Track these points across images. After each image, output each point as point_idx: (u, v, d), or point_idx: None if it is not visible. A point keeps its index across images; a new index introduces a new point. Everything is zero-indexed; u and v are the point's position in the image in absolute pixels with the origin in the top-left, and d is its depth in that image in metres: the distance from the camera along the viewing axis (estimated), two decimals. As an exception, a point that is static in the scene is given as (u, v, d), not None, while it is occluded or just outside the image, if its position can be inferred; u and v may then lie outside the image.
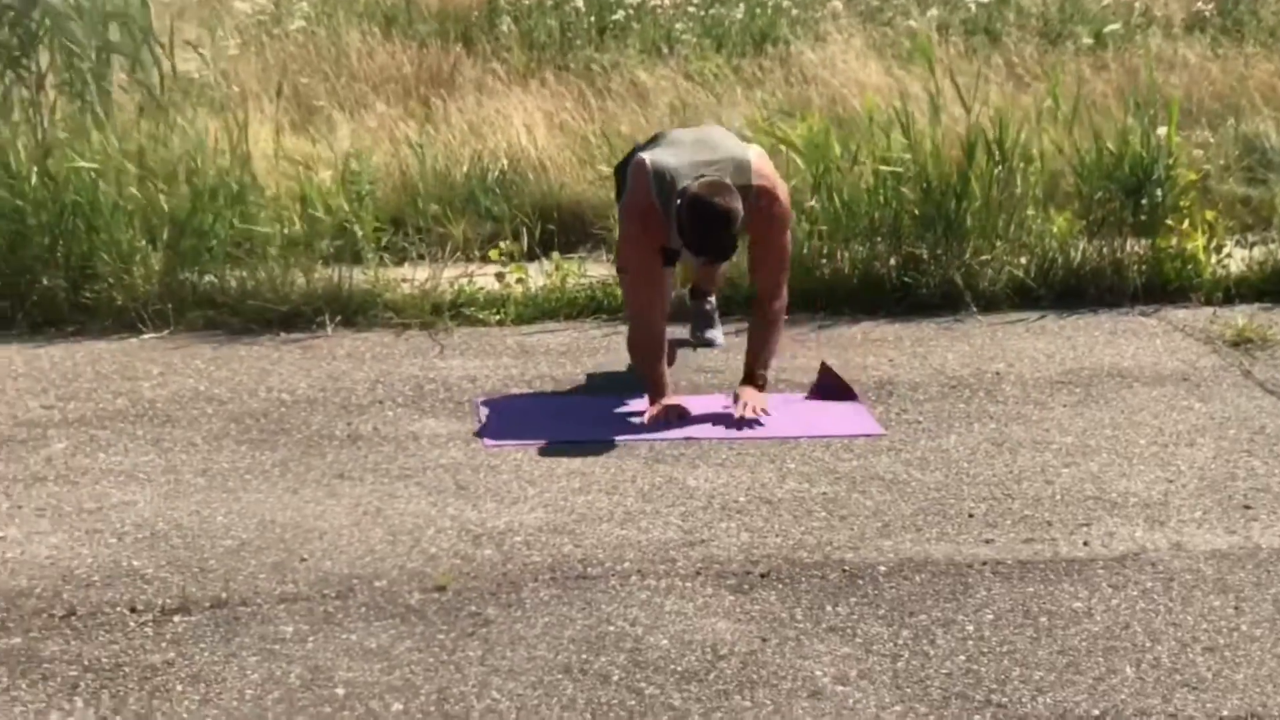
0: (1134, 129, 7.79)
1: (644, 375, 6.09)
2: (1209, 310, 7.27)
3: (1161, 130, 7.72)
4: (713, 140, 6.13)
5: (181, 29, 9.00)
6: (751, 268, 6.30)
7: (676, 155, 5.94)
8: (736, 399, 5.96)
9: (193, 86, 9.47)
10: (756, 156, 6.03)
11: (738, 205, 5.72)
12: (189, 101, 8.66)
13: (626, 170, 6.14)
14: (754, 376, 6.03)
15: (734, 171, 5.86)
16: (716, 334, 6.75)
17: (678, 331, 6.61)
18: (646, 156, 5.96)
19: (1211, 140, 8.94)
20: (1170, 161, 7.69)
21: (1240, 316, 7.03)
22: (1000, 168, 7.55)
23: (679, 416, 5.89)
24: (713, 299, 6.84)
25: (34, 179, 7.28)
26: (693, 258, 6.03)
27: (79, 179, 7.31)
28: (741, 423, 5.83)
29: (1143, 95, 8.13)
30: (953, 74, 8.28)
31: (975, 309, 7.29)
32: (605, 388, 6.34)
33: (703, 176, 5.78)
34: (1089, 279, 7.53)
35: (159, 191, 7.38)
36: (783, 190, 6.11)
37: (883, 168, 7.60)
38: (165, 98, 7.94)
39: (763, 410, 5.89)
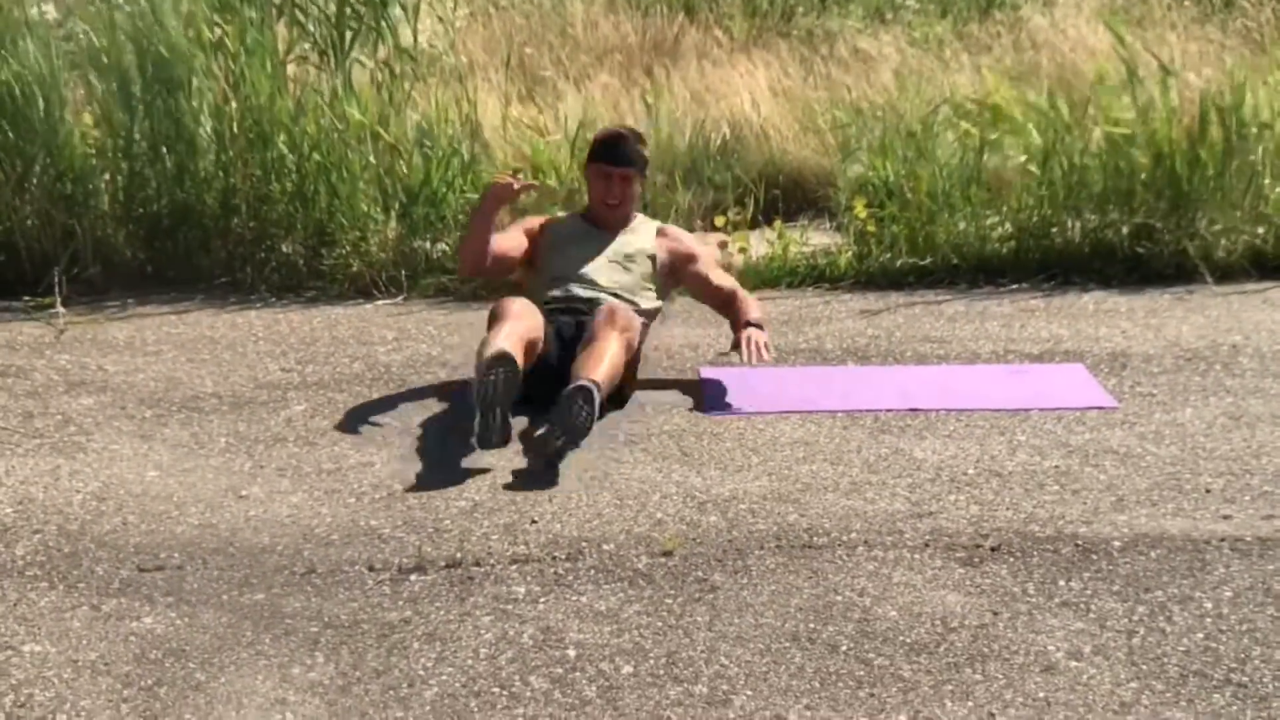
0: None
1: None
2: None
3: None
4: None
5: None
6: (705, 294, 6.22)
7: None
8: (736, 346, 5.85)
9: (423, 57, 9.62)
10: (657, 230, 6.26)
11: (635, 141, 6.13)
12: (423, 71, 8.80)
13: None
14: (746, 326, 5.90)
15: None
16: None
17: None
18: None
19: None
20: None
21: None
22: (1235, 134, 7.37)
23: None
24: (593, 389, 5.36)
25: (281, 144, 7.46)
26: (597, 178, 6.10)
27: (323, 145, 7.47)
28: (752, 351, 5.76)
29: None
30: (1206, 40, 8.07)
31: (1210, 279, 7.14)
32: (827, 357, 6.32)
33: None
34: (1332, 248, 7.35)
35: (397, 159, 7.51)
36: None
37: (1112, 129, 7.46)
38: (402, 68, 8.06)
39: (765, 346, 5.80)
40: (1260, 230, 7.37)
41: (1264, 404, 5.62)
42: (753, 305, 6.01)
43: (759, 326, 5.89)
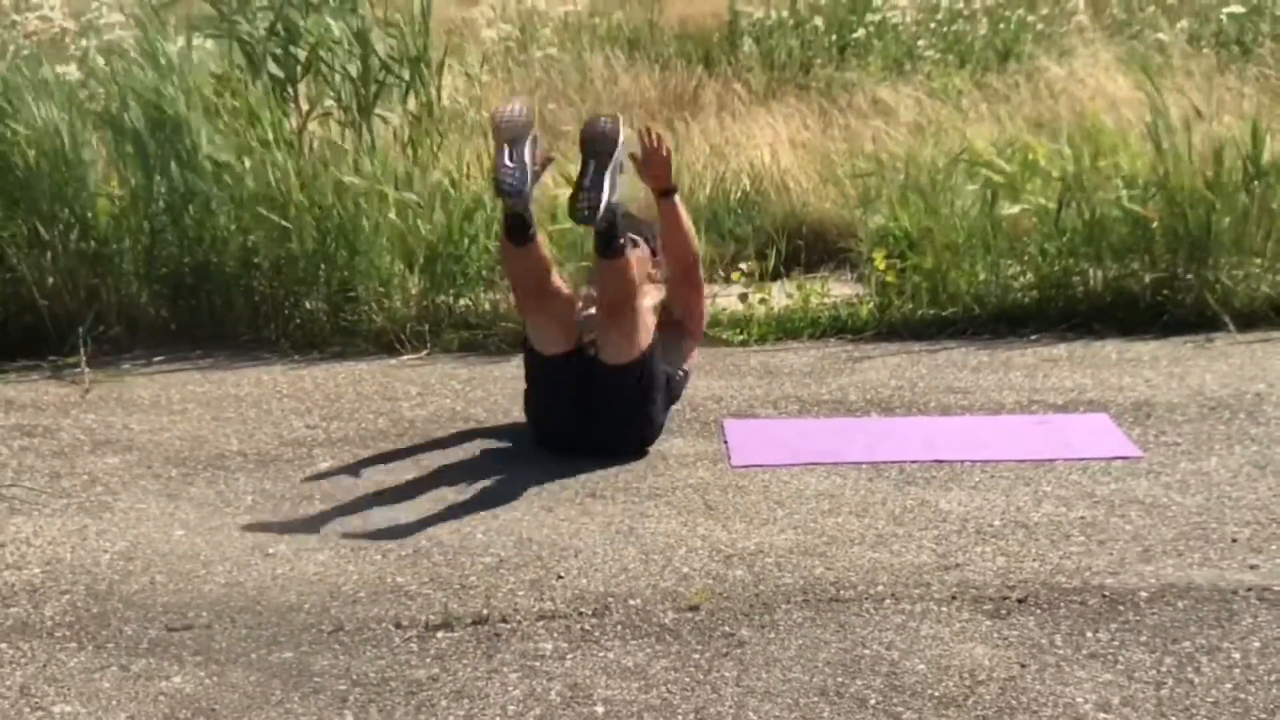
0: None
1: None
2: None
3: None
4: None
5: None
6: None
7: None
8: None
9: (445, 114, 9.68)
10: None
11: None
12: (445, 128, 8.84)
13: None
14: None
15: None
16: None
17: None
18: None
19: None
20: None
21: None
22: (1255, 181, 7.38)
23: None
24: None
25: (299, 203, 7.50)
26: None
27: (343, 204, 7.52)
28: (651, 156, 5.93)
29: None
30: (1223, 89, 8.09)
31: (1233, 327, 7.14)
32: (851, 408, 6.32)
33: None
34: (1352, 295, 7.34)
35: (418, 217, 7.54)
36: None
37: (1127, 204, 7.48)
38: (425, 125, 8.11)
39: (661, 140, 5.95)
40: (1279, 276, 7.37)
41: (1289, 452, 5.63)
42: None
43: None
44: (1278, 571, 4.61)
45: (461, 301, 7.55)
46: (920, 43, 12.99)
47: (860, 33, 13.22)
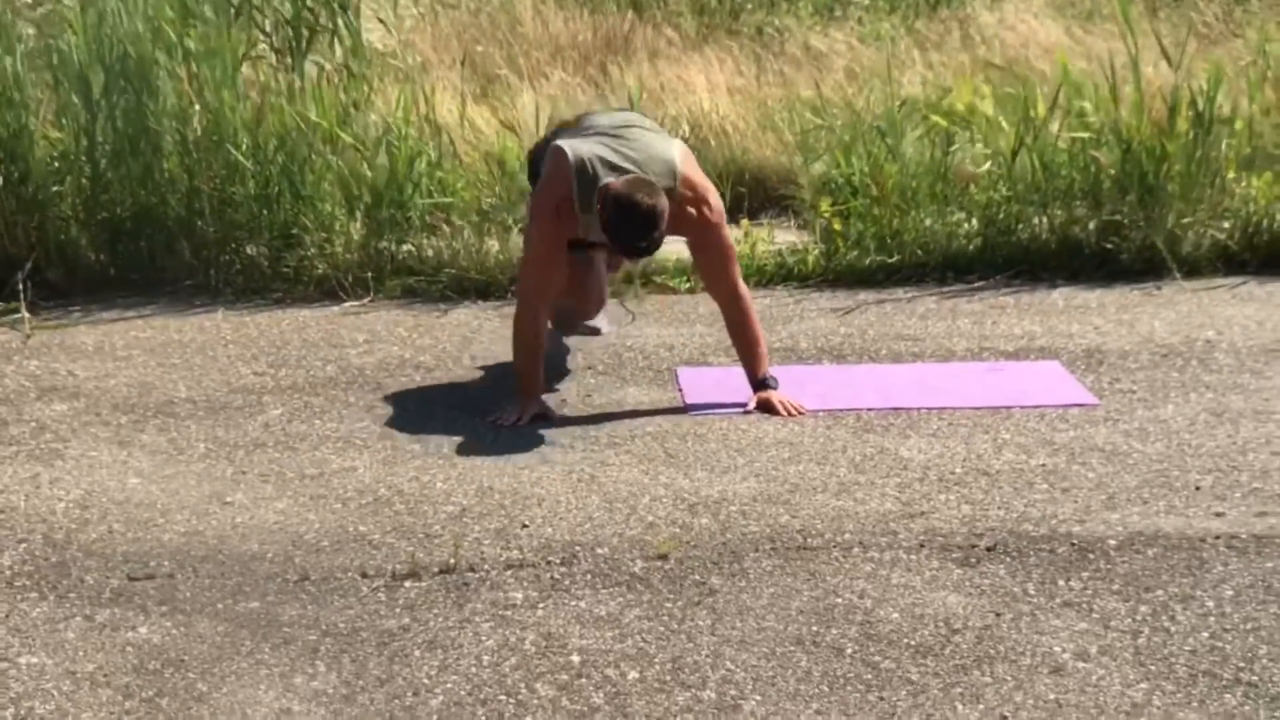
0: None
1: (520, 369, 5.77)
2: None
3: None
4: (637, 133, 5.77)
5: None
6: (702, 276, 6.06)
7: (599, 148, 5.62)
8: (765, 407, 5.72)
9: (378, 57, 9.55)
10: (681, 157, 5.71)
11: (663, 203, 5.43)
12: (377, 72, 8.74)
13: (542, 156, 5.89)
14: (765, 384, 5.77)
15: (660, 168, 5.60)
16: (603, 321, 6.50)
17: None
18: (568, 146, 5.63)
19: None
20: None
21: None
22: (1203, 129, 7.40)
23: (538, 418, 5.69)
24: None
25: (245, 146, 7.39)
26: (613, 251, 5.75)
27: (286, 147, 7.41)
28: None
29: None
30: (1158, 34, 8.09)
31: (1179, 275, 7.17)
32: (803, 355, 6.31)
33: (627, 171, 5.53)
34: (1295, 244, 7.38)
35: (362, 159, 7.45)
36: (711, 191, 5.78)
37: (1078, 135, 7.49)
38: (360, 69, 8.01)
39: (797, 405, 5.72)
40: (1226, 225, 7.40)
41: (1245, 400, 5.64)
42: (762, 347, 5.84)
43: (775, 387, 5.79)
44: (1244, 519, 4.63)
45: (404, 248, 7.46)
46: (851, -13, 12.93)
47: (793, -23, 13.15)
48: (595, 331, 6.50)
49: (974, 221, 7.58)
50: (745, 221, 7.86)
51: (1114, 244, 7.34)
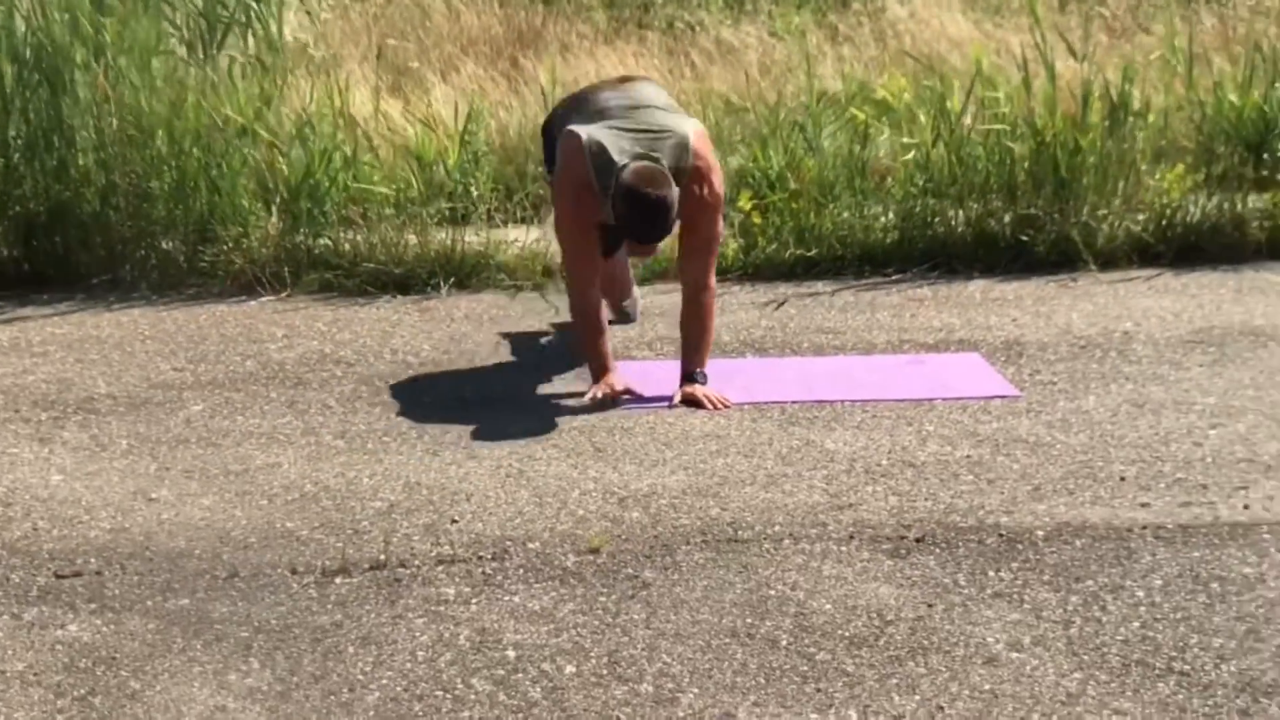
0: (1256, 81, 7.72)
1: (586, 353, 5.85)
2: (1338, 269, 7.18)
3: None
4: (650, 110, 5.80)
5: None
6: (681, 253, 6.02)
7: (612, 129, 5.66)
8: (690, 400, 5.72)
9: (290, 50, 9.49)
10: (695, 135, 5.73)
11: (674, 194, 5.49)
12: (291, 66, 8.68)
13: (553, 134, 5.93)
14: (694, 377, 5.79)
15: (673, 150, 5.62)
16: (634, 308, 6.72)
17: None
18: (581, 132, 5.66)
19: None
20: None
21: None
22: (1116, 122, 7.47)
23: (625, 393, 5.74)
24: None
25: (160, 140, 7.32)
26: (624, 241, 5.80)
27: (201, 141, 7.34)
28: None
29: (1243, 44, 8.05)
30: (1059, 30, 8.18)
31: (1094, 266, 7.24)
32: (725, 349, 6.32)
33: (640, 155, 5.55)
34: (1208, 236, 7.45)
35: (277, 153, 7.39)
36: (718, 173, 5.83)
37: (993, 128, 7.55)
38: (274, 61, 7.95)
39: (722, 402, 5.72)
40: (1140, 217, 7.48)
41: (1165, 390, 5.71)
42: (708, 341, 5.89)
43: (703, 382, 5.80)
44: (1169, 509, 4.68)
45: (321, 241, 7.41)
46: (759, -18, 12.95)
47: (704, -30, 13.16)
48: (628, 318, 6.63)
49: (891, 215, 7.63)
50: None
51: (1029, 236, 7.40)
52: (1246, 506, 4.68)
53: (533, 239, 7.43)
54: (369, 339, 6.51)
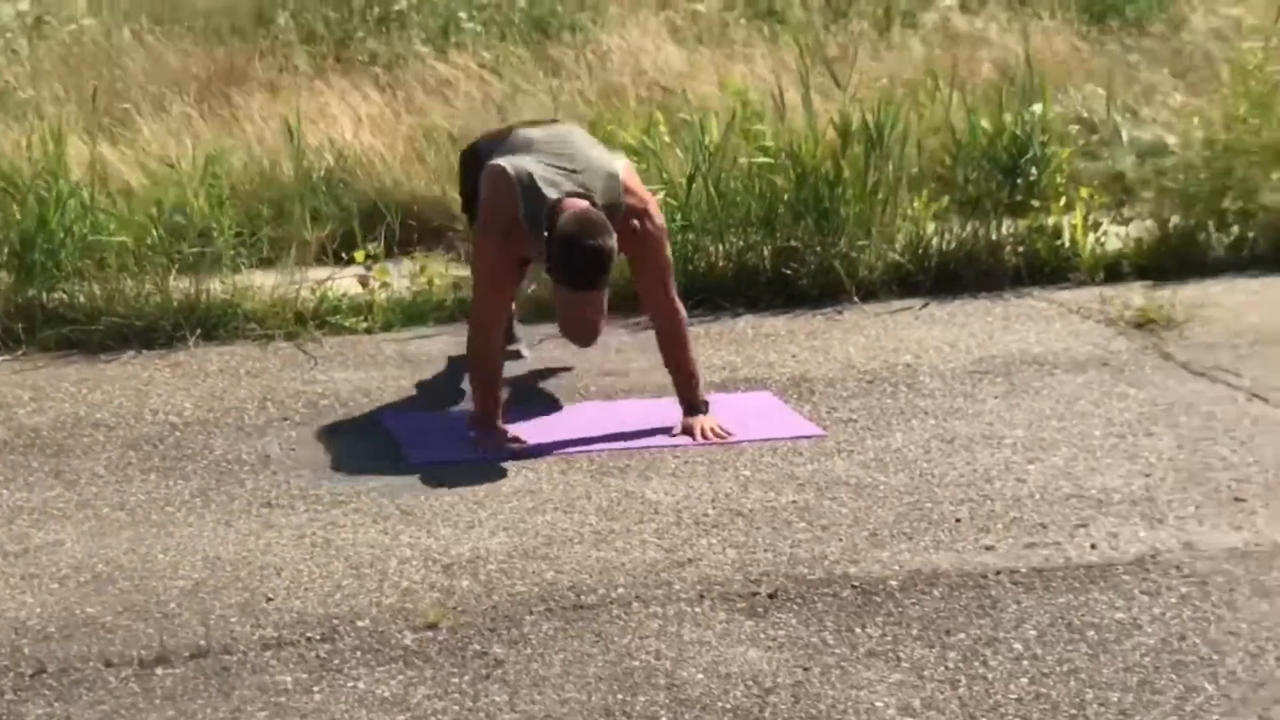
0: (1007, 106, 7.79)
1: (479, 394, 5.66)
2: (1094, 290, 7.23)
3: (1036, 108, 7.73)
4: (576, 147, 5.69)
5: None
6: (639, 291, 5.93)
7: (540, 162, 5.51)
8: (688, 432, 5.64)
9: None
10: (625, 171, 5.65)
11: (612, 242, 5.33)
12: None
13: (475, 168, 5.77)
14: (696, 406, 5.70)
15: (604, 182, 5.51)
16: (522, 345, 6.46)
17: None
18: (508, 164, 5.50)
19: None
20: (1044, 139, 7.69)
21: (1136, 296, 7.02)
22: (875, 151, 7.45)
23: (513, 440, 5.57)
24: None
25: None
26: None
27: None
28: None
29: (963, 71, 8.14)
30: (829, 63, 8.16)
31: (857, 298, 7.19)
32: (514, 399, 6.05)
33: (572, 192, 5.42)
34: (964, 262, 7.48)
35: (13, 201, 6.89)
36: (653, 204, 5.73)
37: (757, 160, 7.46)
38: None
39: (722, 430, 5.63)
40: (899, 246, 7.46)
41: (968, 425, 5.65)
42: (695, 367, 5.82)
43: (705, 410, 5.73)
44: (1015, 551, 4.60)
45: (55, 295, 6.92)
46: (461, 14, 12.70)
47: (402, 3, 12.86)
48: (517, 355, 6.32)
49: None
50: (420, 256, 7.56)
51: (792, 269, 7.31)
52: (1094, 546, 4.62)
53: (273, 284, 7.04)
54: (124, 399, 6.07)
